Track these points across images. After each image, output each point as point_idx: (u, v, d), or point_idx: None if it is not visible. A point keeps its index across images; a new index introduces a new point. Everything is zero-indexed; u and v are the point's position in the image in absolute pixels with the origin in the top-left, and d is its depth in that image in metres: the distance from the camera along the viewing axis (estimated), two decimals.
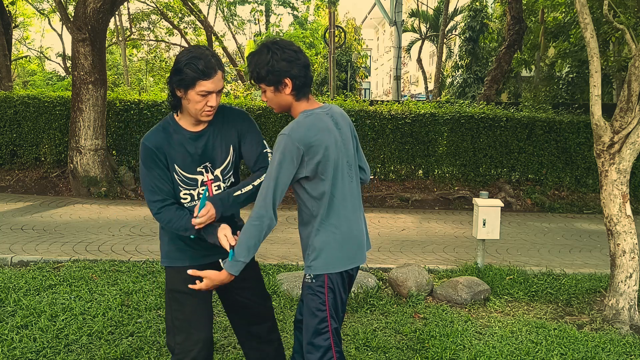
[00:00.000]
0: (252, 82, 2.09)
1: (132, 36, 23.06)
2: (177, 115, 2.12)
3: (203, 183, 2.12)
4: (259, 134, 2.25)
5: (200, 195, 2.13)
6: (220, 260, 2.09)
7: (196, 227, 2.03)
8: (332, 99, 10.88)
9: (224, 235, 2.04)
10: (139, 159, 2.09)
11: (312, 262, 2.11)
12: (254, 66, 2.03)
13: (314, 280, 2.12)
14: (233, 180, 2.22)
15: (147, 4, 20.60)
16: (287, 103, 2.08)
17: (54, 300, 3.75)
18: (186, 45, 21.73)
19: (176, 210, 2.08)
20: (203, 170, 2.12)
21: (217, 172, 2.14)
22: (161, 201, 2.08)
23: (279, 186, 1.98)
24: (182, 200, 2.13)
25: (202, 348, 2.17)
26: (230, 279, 2.02)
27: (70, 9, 14.58)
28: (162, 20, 21.46)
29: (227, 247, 2.02)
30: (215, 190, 2.14)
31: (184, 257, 2.18)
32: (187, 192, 2.11)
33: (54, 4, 17.18)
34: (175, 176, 2.08)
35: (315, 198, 2.07)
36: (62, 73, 28.67)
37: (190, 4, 18.76)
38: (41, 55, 28.67)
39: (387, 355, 3.15)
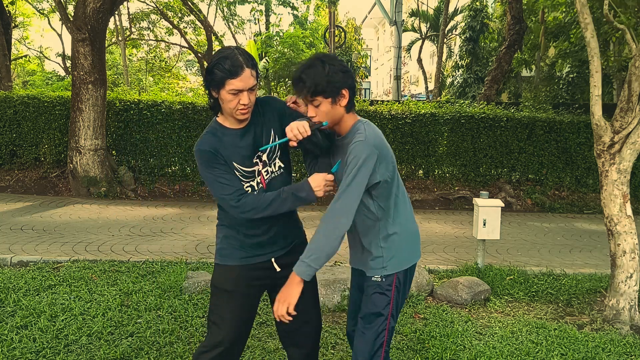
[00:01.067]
0: (307, 96, 2.01)
1: (131, 36, 23.06)
2: (219, 117, 2.16)
3: (259, 172, 2.17)
4: (297, 112, 2.27)
5: (261, 184, 2.17)
6: (273, 261, 2.20)
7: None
8: None
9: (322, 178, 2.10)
10: (199, 167, 2.10)
11: (387, 263, 2.13)
12: (311, 80, 1.98)
13: (383, 280, 2.14)
14: (282, 165, 2.24)
15: (147, 4, 20.59)
16: (340, 115, 2.06)
17: (54, 301, 3.75)
18: (186, 45, 21.75)
19: (255, 195, 2.10)
20: (257, 160, 2.16)
21: (264, 157, 2.18)
22: (237, 191, 2.07)
23: (360, 193, 1.99)
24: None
25: (224, 349, 2.19)
26: (299, 287, 1.97)
27: (70, 9, 14.57)
28: (162, 20, 21.45)
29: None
30: (266, 175, 2.18)
31: (235, 256, 2.20)
32: (248, 184, 2.15)
33: (53, 4, 17.18)
34: (236, 172, 2.12)
35: (382, 201, 2.10)
36: (62, 73, 28.66)
37: (190, 3, 18.74)
38: (41, 55, 28.67)
39: None
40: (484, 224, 4.61)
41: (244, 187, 2.13)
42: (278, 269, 2.23)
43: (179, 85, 26.59)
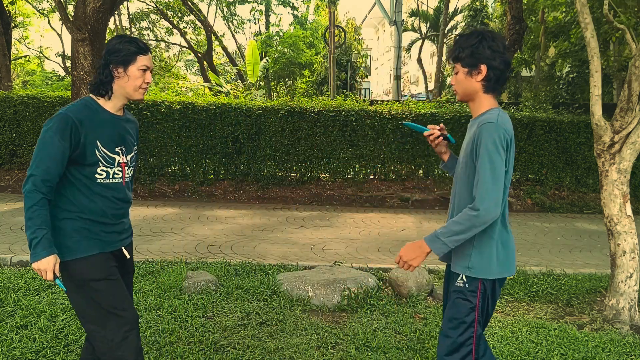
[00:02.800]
0: (450, 60, 2.11)
1: (131, 36, 23.05)
2: (99, 99, 2.17)
3: (119, 163, 2.19)
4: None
5: (117, 175, 2.19)
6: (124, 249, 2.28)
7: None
8: (332, 99, 10.88)
9: None
10: (48, 129, 2.01)
11: (474, 265, 2.06)
12: (458, 45, 2.06)
13: (467, 285, 2.08)
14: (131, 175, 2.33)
15: (147, 4, 20.60)
16: (474, 90, 2.07)
17: (54, 300, 3.75)
18: (186, 45, 21.75)
19: (39, 201, 2.01)
20: (120, 151, 2.19)
21: (127, 158, 2.24)
22: (50, 187, 2.02)
23: (501, 176, 1.94)
24: (97, 176, 2.13)
25: (134, 327, 2.18)
26: (425, 257, 2.05)
27: (70, 9, 14.57)
28: (162, 19, 21.45)
29: None
30: (127, 171, 2.24)
31: (94, 245, 2.13)
32: (105, 168, 2.14)
33: (53, 4, 17.17)
34: (96, 152, 2.10)
35: None
36: (62, 73, 28.65)
37: (189, 3, 18.75)
38: (41, 55, 28.66)
39: (387, 355, 3.15)
40: None
41: (99, 169, 2.11)
42: (128, 256, 2.30)
43: (178, 85, 26.58)
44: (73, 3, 14.71)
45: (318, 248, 5.89)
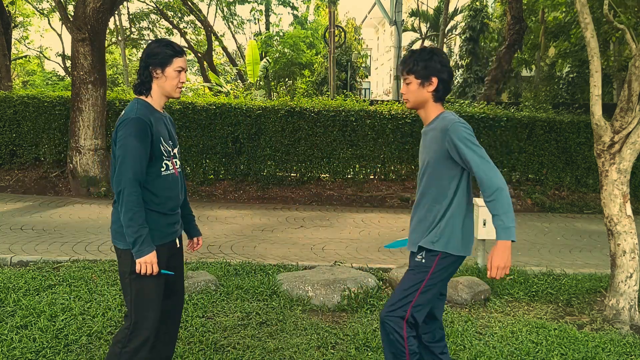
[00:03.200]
0: (402, 73, 2.37)
1: (132, 36, 23.05)
2: (147, 99, 2.33)
3: (172, 156, 2.38)
4: None
5: (171, 167, 2.36)
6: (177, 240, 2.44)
7: None
8: (332, 99, 10.87)
9: None
10: (127, 134, 2.16)
11: (440, 239, 2.30)
12: (413, 59, 2.32)
13: (424, 261, 2.35)
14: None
15: (147, 4, 20.59)
16: (425, 99, 2.34)
17: (54, 301, 3.74)
18: (186, 45, 21.74)
19: (136, 198, 2.21)
20: (171, 144, 2.39)
21: (175, 150, 2.43)
22: (140, 187, 2.21)
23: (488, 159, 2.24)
24: (161, 169, 2.30)
25: (154, 329, 2.33)
26: (510, 250, 2.19)
27: (70, 9, 14.56)
28: (162, 19, 21.45)
29: None
30: (177, 164, 2.41)
31: (154, 237, 2.27)
32: (166, 161, 2.33)
33: (53, 4, 17.17)
34: (161, 147, 2.29)
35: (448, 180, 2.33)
36: (62, 73, 28.65)
37: (190, 3, 18.76)
38: (41, 55, 28.66)
39: None
40: (484, 224, 4.61)
41: (163, 163, 2.30)
42: (178, 245, 2.46)
43: None
44: (73, 3, 14.70)
45: (318, 248, 5.89)
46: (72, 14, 9.16)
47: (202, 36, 22.70)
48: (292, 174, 9.51)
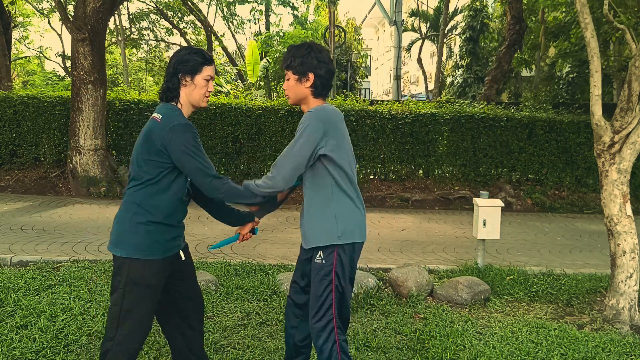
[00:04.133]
0: (282, 68, 2.38)
1: (132, 36, 23.05)
2: (176, 105, 2.28)
3: None
4: None
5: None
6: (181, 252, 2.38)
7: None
8: (332, 99, 10.87)
9: None
10: (187, 139, 2.12)
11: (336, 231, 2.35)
12: (290, 54, 2.34)
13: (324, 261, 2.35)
14: None
15: (147, 4, 20.60)
16: (304, 95, 2.36)
17: (54, 301, 3.74)
18: (186, 45, 21.72)
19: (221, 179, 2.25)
20: None
21: None
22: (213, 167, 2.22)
23: (301, 156, 2.26)
24: (183, 193, 2.32)
25: (142, 344, 2.30)
26: None
27: (70, 9, 14.56)
28: (162, 19, 21.46)
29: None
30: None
31: (159, 249, 2.22)
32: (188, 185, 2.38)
33: (53, 4, 17.17)
34: None
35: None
36: (62, 73, 28.65)
37: (190, 3, 18.76)
38: (41, 55, 28.67)
39: (387, 355, 3.14)
40: (484, 224, 4.61)
41: (187, 185, 2.31)
42: (183, 258, 2.40)
43: None
44: (73, 3, 14.71)
45: None
46: (72, 14, 9.16)
47: (202, 36, 22.71)
48: None
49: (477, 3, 22.34)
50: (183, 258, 2.40)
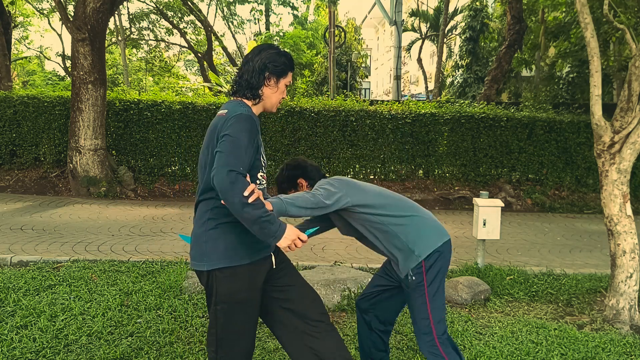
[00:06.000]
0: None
1: (131, 36, 23.06)
2: (247, 102, 2.10)
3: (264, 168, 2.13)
4: None
5: (264, 180, 2.10)
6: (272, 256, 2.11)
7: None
8: (332, 99, 10.88)
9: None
10: (239, 128, 1.88)
11: None
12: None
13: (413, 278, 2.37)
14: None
15: (147, 4, 20.60)
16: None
17: (54, 301, 3.75)
18: (186, 45, 21.76)
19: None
20: (264, 156, 2.14)
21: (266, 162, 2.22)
22: (244, 170, 1.87)
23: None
24: (257, 181, 2.05)
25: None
26: None
27: (70, 9, 14.57)
28: (162, 19, 21.46)
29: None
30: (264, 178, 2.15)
31: (247, 252, 1.98)
32: (262, 173, 2.09)
33: (53, 4, 17.17)
34: (261, 158, 2.06)
35: None
36: (62, 73, 28.66)
37: (190, 3, 18.75)
38: (41, 55, 28.67)
39: None
40: (484, 224, 4.61)
41: (259, 175, 2.05)
42: (274, 266, 2.13)
43: (179, 85, 26.61)
44: (73, 3, 14.71)
45: (318, 248, 5.89)
46: (72, 14, 9.16)
47: (202, 36, 22.70)
48: None
49: (477, 3, 22.33)
50: (274, 266, 2.12)
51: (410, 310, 2.40)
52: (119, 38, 22.39)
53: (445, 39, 21.56)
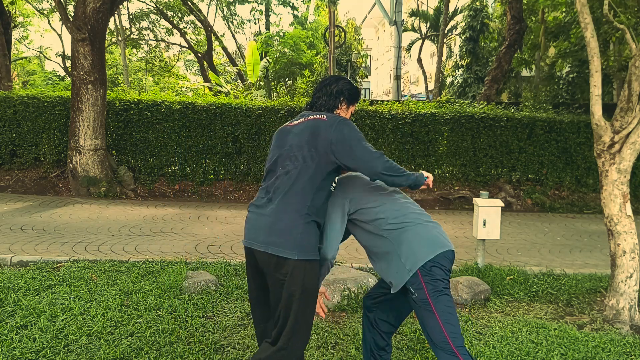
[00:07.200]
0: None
1: (131, 36, 23.06)
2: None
3: None
4: None
5: None
6: None
7: None
8: None
9: None
10: (357, 138, 2.23)
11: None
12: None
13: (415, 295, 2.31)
14: None
15: (147, 4, 20.61)
16: None
17: (54, 301, 3.75)
18: (186, 45, 21.76)
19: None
20: None
21: None
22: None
23: None
24: (332, 184, 2.34)
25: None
26: None
27: (70, 9, 14.57)
28: (162, 19, 21.46)
29: None
30: None
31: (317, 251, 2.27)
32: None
33: (53, 4, 17.17)
34: None
35: None
36: (62, 73, 28.66)
37: (190, 3, 18.75)
38: (41, 55, 28.67)
39: None
40: (484, 224, 4.61)
41: (336, 178, 2.37)
42: None
43: (179, 85, 26.62)
44: (73, 3, 14.71)
45: None
46: (72, 14, 9.16)
47: (202, 36, 22.72)
48: None
49: (477, 3, 22.32)
50: None
51: (422, 327, 2.30)
52: (119, 38, 22.39)
53: (445, 39, 21.57)
